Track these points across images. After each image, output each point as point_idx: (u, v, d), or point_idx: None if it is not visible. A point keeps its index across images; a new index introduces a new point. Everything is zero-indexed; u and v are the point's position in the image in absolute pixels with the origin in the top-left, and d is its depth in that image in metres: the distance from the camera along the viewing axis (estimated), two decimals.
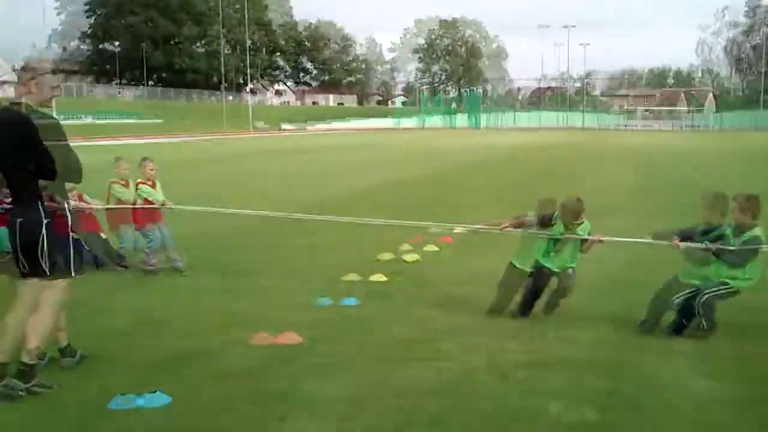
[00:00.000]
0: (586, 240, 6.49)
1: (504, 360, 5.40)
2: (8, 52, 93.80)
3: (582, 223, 6.55)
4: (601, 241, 6.60)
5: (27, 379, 4.67)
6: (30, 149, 4.62)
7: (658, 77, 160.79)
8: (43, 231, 4.67)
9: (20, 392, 4.61)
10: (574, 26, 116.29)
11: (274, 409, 4.46)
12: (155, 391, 4.62)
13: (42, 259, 4.68)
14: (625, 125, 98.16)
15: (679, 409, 4.55)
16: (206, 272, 8.48)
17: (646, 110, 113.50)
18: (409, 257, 9.15)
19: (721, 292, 5.85)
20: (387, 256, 9.18)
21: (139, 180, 8.53)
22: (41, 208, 4.71)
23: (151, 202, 8.44)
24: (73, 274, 4.87)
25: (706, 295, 5.78)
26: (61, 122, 5.05)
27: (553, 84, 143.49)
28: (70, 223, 4.87)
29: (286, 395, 4.69)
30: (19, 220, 4.64)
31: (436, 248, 9.81)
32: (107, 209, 8.67)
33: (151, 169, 8.58)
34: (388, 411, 4.46)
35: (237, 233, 11.09)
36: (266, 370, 5.14)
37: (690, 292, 5.89)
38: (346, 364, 5.29)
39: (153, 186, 8.56)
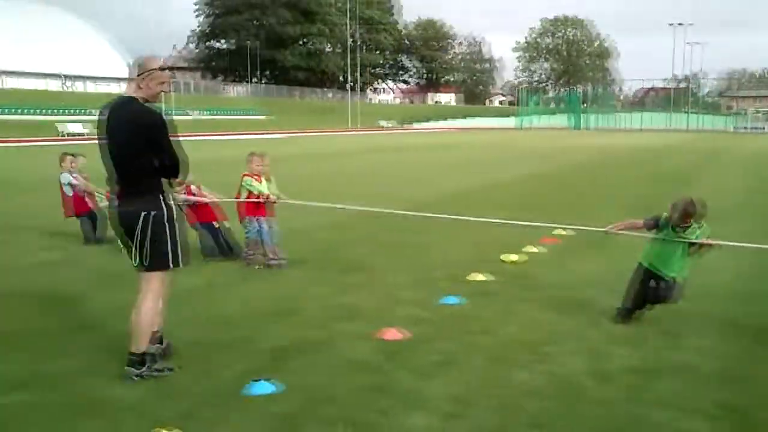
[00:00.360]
0: (694, 244, 6.25)
1: (609, 365, 5.31)
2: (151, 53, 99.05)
3: (692, 226, 6.25)
4: (713, 246, 6.32)
5: (140, 365, 4.93)
6: (160, 146, 4.83)
7: None
8: (166, 224, 4.90)
9: (134, 377, 4.88)
10: (680, 24, 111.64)
11: (375, 404, 4.55)
12: (259, 380, 4.80)
13: (169, 249, 4.92)
14: (733, 127, 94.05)
15: None
16: (322, 266, 8.67)
17: (757, 112, 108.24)
18: (513, 258, 9.09)
19: None
20: (513, 257, 9.15)
21: (245, 173, 8.71)
22: (164, 202, 4.94)
23: (256, 196, 8.62)
24: (180, 265, 5.06)
25: None
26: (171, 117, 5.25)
27: (658, 84, 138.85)
28: (175, 215, 5.03)
29: (388, 391, 4.77)
30: (144, 213, 4.81)
31: (540, 249, 9.71)
32: (237, 202, 8.80)
33: (258, 165, 8.70)
34: (489, 410, 4.47)
35: (348, 229, 11.32)
36: (370, 367, 5.23)
37: None
38: (450, 363, 5.33)
39: (260, 180, 8.70)
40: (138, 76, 4.88)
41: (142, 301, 4.94)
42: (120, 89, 70.93)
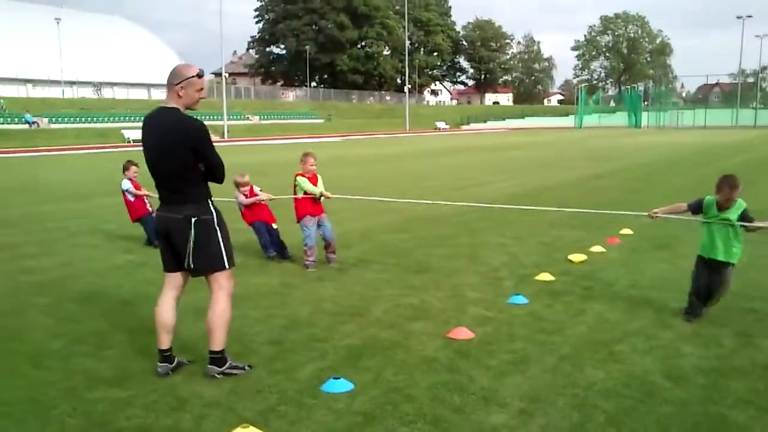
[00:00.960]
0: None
1: (682, 364, 5.31)
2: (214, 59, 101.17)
3: (736, 203, 6.28)
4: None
5: (221, 363, 5.13)
6: (202, 154, 4.95)
7: None
8: (217, 228, 5.07)
9: (216, 375, 5.08)
10: (750, 16, 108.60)
11: (451, 401, 4.65)
12: (339, 378, 4.95)
13: (223, 253, 5.10)
14: None
15: None
16: (389, 267, 8.82)
17: None
18: (579, 258, 9.08)
19: None
20: (579, 257, 9.17)
21: (297, 173, 8.85)
22: (212, 207, 5.12)
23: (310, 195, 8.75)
24: (233, 265, 5.21)
25: None
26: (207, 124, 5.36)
27: (722, 80, 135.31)
28: (222, 219, 5.17)
29: (463, 389, 4.86)
30: (194, 219, 4.95)
31: (606, 249, 9.67)
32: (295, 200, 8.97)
33: (312, 165, 8.82)
34: (564, 409, 4.53)
35: (411, 230, 11.46)
36: (444, 365, 5.33)
37: None
38: (522, 361, 5.40)
39: (314, 180, 8.83)
40: (176, 84, 4.95)
41: (216, 301, 5.11)
42: None
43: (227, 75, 79.90)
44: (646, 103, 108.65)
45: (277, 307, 6.97)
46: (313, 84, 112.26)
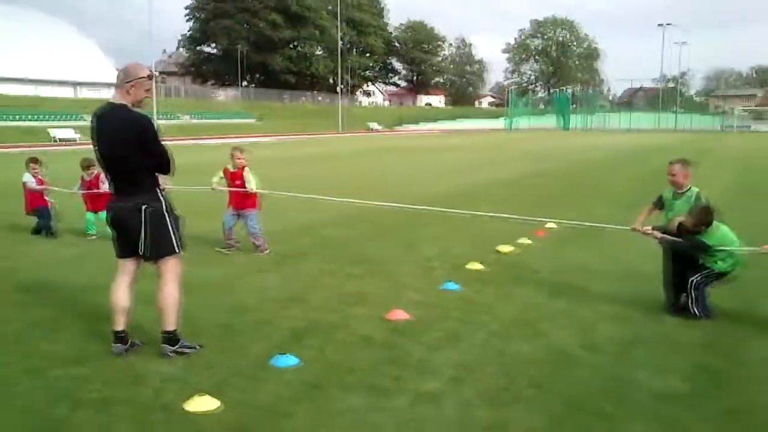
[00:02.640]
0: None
1: (596, 337, 5.91)
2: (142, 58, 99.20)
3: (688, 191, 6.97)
4: None
5: (173, 342, 5.47)
6: (152, 147, 5.30)
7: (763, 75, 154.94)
8: (166, 214, 5.41)
9: (169, 353, 5.41)
10: (669, 24, 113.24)
11: (389, 372, 5.10)
12: (287, 354, 5.35)
13: (173, 239, 5.45)
14: (721, 126, 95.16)
15: (764, 382, 4.95)
16: (329, 259, 9.20)
17: (744, 110, 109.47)
18: (508, 248, 9.66)
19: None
20: (508, 248, 9.75)
21: (225, 167, 9.53)
22: (161, 196, 5.46)
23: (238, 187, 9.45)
24: (183, 250, 5.57)
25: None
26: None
27: (646, 84, 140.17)
28: (172, 207, 5.51)
29: (400, 361, 5.32)
30: (144, 207, 5.27)
31: (530, 241, 10.28)
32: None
33: (238, 158, 9.49)
34: (492, 375, 5.05)
35: (350, 225, 11.87)
36: (381, 343, 5.78)
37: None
38: (454, 338, 5.90)
39: (238, 175, 9.44)
40: (127, 83, 5.30)
41: (164, 284, 5.46)
42: (109, 94, 70.91)
43: (158, 73, 78.69)
44: (574, 105, 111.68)
45: (223, 295, 7.31)
46: (245, 84, 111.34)
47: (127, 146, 5.24)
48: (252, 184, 9.44)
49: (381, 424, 4.25)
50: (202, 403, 4.48)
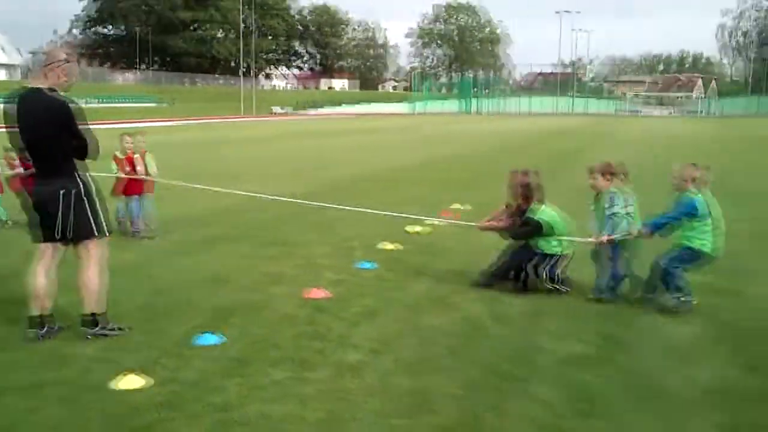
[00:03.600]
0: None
1: (506, 310, 6.31)
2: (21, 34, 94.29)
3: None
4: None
5: (94, 324, 5.52)
6: (72, 131, 5.31)
7: (668, 62, 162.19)
8: (85, 198, 5.43)
9: (89, 336, 5.46)
10: (567, 12, 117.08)
11: (312, 346, 5.32)
12: (211, 332, 5.49)
13: (92, 222, 5.49)
14: (615, 110, 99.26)
15: (654, 346, 5.45)
16: (247, 242, 9.31)
17: (636, 96, 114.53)
18: (417, 229, 10.01)
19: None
20: (417, 228, 10.08)
21: (115, 155, 9.47)
22: (80, 179, 5.46)
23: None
24: (106, 234, 5.61)
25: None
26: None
27: (545, 69, 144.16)
28: (93, 190, 5.54)
29: (322, 336, 5.55)
30: (63, 191, 5.29)
31: (437, 221, 10.62)
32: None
33: (127, 144, 9.49)
34: (410, 346, 5.36)
35: (267, 209, 11.90)
36: (303, 319, 5.99)
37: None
38: (372, 313, 6.18)
39: (129, 161, 9.44)
40: (45, 66, 5.32)
41: (84, 268, 5.49)
42: None
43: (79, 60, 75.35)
44: (477, 90, 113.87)
45: (142, 278, 7.34)
46: (144, 66, 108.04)
47: (46, 129, 5.25)
48: (152, 167, 9.52)
49: (307, 394, 4.47)
50: (132, 381, 4.58)
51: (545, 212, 6.81)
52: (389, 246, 8.94)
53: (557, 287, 6.77)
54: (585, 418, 4.21)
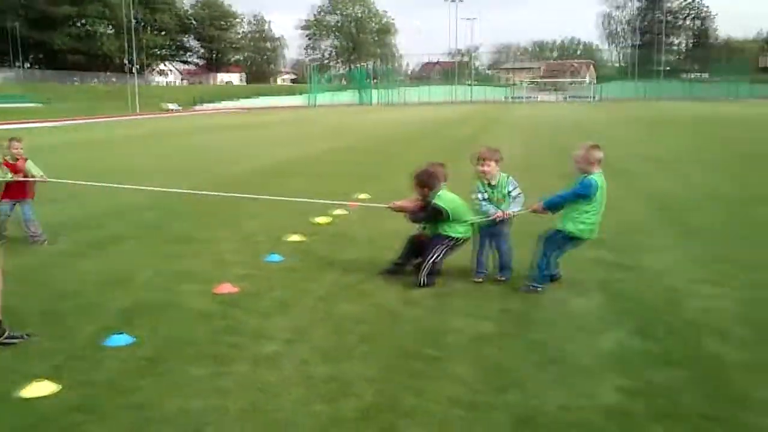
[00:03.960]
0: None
1: (415, 294, 6.45)
2: None
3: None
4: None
5: None
6: None
7: (560, 49, 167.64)
8: None
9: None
10: (461, 1, 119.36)
11: (227, 341, 5.30)
12: (120, 333, 5.38)
13: None
14: (510, 97, 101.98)
15: (556, 319, 5.71)
16: (151, 241, 9.11)
17: (530, 82, 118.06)
18: (322, 219, 10.05)
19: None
20: (323, 219, 10.11)
21: (5, 160, 9.00)
22: None
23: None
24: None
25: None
26: None
27: (441, 59, 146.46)
28: None
29: (236, 331, 5.53)
30: None
31: (345, 212, 10.71)
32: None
33: (15, 149, 9.04)
34: (324, 335, 5.41)
35: (168, 207, 11.66)
36: (215, 315, 5.95)
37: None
38: (284, 305, 6.19)
39: (19, 165, 9.02)
40: None
41: None
42: None
43: None
44: (374, 80, 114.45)
45: (40, 283, 7.09)
46: (19, 65, 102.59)
47: None
48: (36, 171, 9.14)
49: (226, 388, 4.46)
50: (40, 388, 4.45)
51: (444, 198, 6.91)
52: (295, 238, 8.95)
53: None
54: (499, 392, 4.38)
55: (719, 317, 5.70)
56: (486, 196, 6.88)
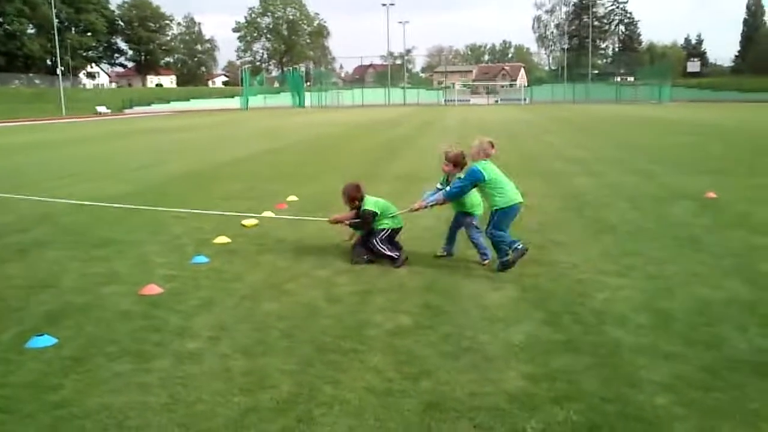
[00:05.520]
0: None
1: (338, 291, 6.65)
2: None
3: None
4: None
5: None
6: None
7: (492, 52, 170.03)
8: None
9: None
10: (393, 5, 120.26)
11: (150, 339, 5.41)
12: (42, 334, 5.43)
13: None
14: (445, 100, 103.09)
15: (471, 312, 5.99)
16: (72, 246, 9.01)
17: (464, 85, 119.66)
18: (248, 222, 10.14)
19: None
20: (251, 221, 10.18)
21: None
22: None
23: None
24: None
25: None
26: None
27: (375, 61, 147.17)
28: None
29: (159, 329, 5.64)
30: None
31: (273, 214, 10.83)
32: None
33: None
34: (246, 333, 5.56)
35: (90, 211, 11.57)
36: (139, 315, 6.03)
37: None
38: (208, 304, 6.32)
39: None
40: None
41: None
42: None
43: None
44: (308, 83, 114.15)
45: None
46: None
47: None
48: None
49: (148, 383, 4.58)
50: None
51: (369, 202, 7.88)
52: (223, 240, 9.03)
53: (389, 252, 7.67)
54: (412, 380, 4.61)
55: (622, 306, 6.07)
56: (439, 187, 7.94)
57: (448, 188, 7.60)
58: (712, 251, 8.04)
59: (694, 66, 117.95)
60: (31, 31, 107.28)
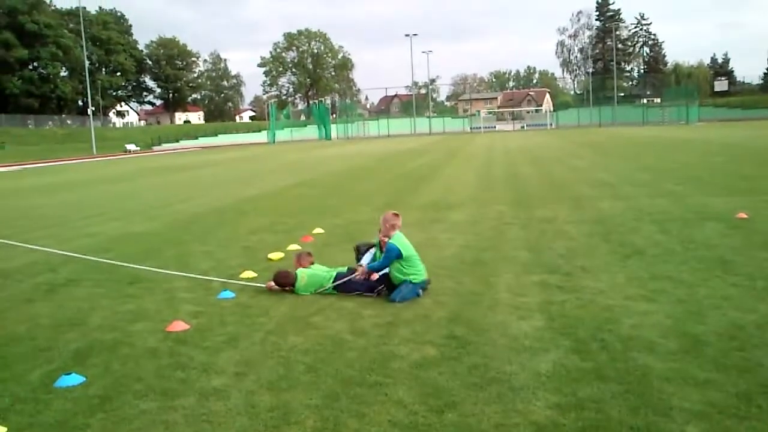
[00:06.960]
0: None
1: (363, 324, 6.63)
2: None
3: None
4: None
5: None
6: None
7: (517, 79, 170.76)
8: None
9: None
10: (416, 35, 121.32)
11: (176, 376, 5.43)
12: (70, 373, 5.47)
13: None
14: (470, 128, 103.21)
15: (497, 342, 5.92)
16: (102, 283, 9.12)
17: (489, 112, 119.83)
18: (274, 255, 10.18)
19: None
20: (278, 254, 10.24)
21: None
22: None
23: None
24: None
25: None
26: None
27: (400, 91, 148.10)
28: None
29: (185, 366, 5.65)
30: None
31: (299, 247, 10.86)
32: None
33: None
34: (272, 367, 5.55)
35: (119, 247, 11.71)
36: (165, 352, 6.06)
37: None
38: (234, 340, 6.33)
39: None
40: None
41: None
42: None
43: None
44: (334, 115, 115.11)
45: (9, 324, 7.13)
46: None
47: None
48: None
49: (174, 420, 4.59)
50: None
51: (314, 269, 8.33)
52: (249, 274, 9.07)
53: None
54: (438, 413, 4.56)
55: (650, 332, 5.97)
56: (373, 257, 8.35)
57: (373, 263, 8.04)
58: (744, 273, 7.89)
59: (721, 85, 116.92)
60: (64, 73, 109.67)
